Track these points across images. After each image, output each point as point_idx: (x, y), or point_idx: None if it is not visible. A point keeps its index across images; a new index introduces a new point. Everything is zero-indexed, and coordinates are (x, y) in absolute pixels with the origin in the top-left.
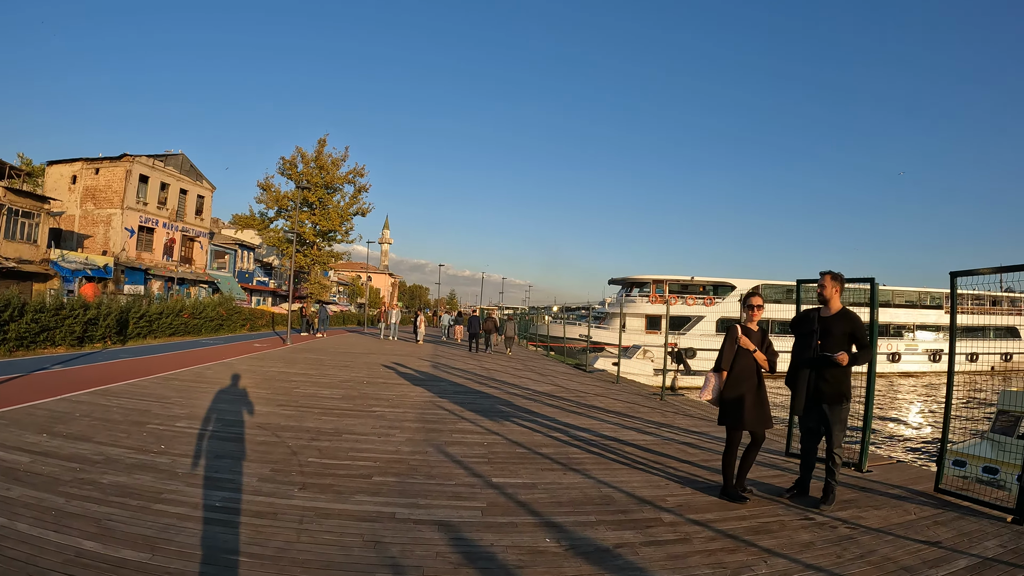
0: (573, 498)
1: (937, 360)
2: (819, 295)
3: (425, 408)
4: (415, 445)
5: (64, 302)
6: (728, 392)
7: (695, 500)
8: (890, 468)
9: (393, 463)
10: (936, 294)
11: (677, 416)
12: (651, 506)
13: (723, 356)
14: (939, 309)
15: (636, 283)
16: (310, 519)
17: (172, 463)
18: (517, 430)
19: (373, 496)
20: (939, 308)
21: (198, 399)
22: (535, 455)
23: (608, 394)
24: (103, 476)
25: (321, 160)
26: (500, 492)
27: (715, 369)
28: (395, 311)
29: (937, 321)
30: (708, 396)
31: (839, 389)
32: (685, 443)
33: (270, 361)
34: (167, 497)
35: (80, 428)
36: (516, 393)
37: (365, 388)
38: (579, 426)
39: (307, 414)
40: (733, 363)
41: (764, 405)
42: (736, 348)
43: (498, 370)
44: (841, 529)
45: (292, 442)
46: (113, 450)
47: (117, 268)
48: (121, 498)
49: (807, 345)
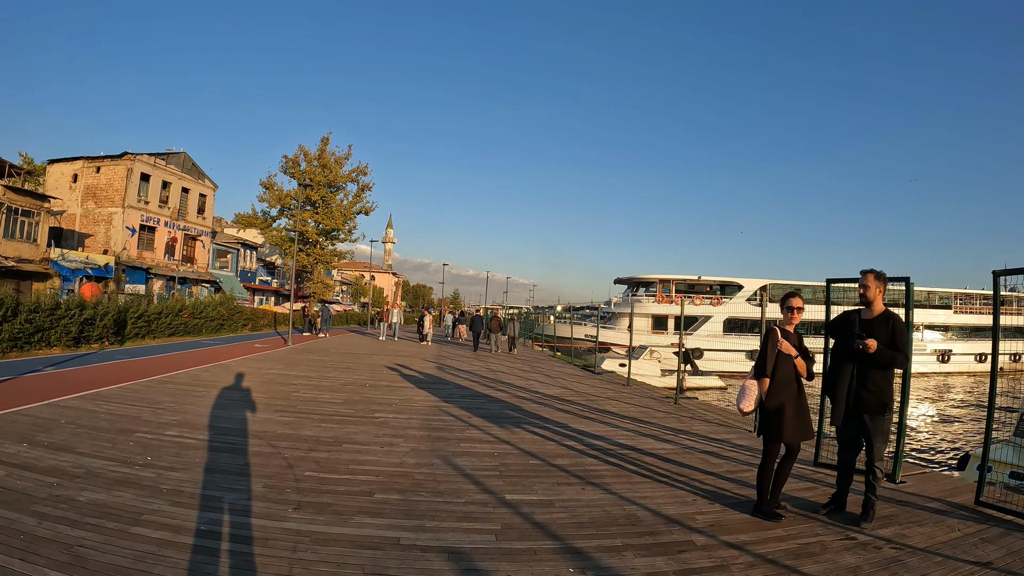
0: (595, 518)
1: (946, 361)
2: (861, 296)
3: (430, 414)
4: (420, 456)
5: (60, 302)
6: (768, 401)
7: (727, 518)
8: (924, 479)
9: (397, 477)
10: (944, 294)
11: (694, 421)
12: (680, 526)
13: (764, 362)
14: (947, 309)
15: (642, 283)
16: (305, 547)
17: (157, 478)
18: (528, 438)
19: (375, 517)
20: (947, 308)
21: (191, 404)
22: (550, 467)
23: (620, 397)
24: (81, 492)
25: (324, 158)
26: (515, 511)
27: (755, 376)
28: (397, 310)
29: (945, 321)
30: (749, 406)
31: (882, 398)
32: (707, 452)
33: (270, 363)
34: (148, 519)
35: (63, 437)
36: (525, 397)
37: (367, 392)
38: (593, 433)
39: (306, 421)
40: (774, 370)
41: (805, 414)
42: (777, 353)
43: (504, 372)
44: (886, 550)
45: (288, 453)
46: (95, 462)
47: (118, 267)
48: (97, 519)
49: (847, 350)
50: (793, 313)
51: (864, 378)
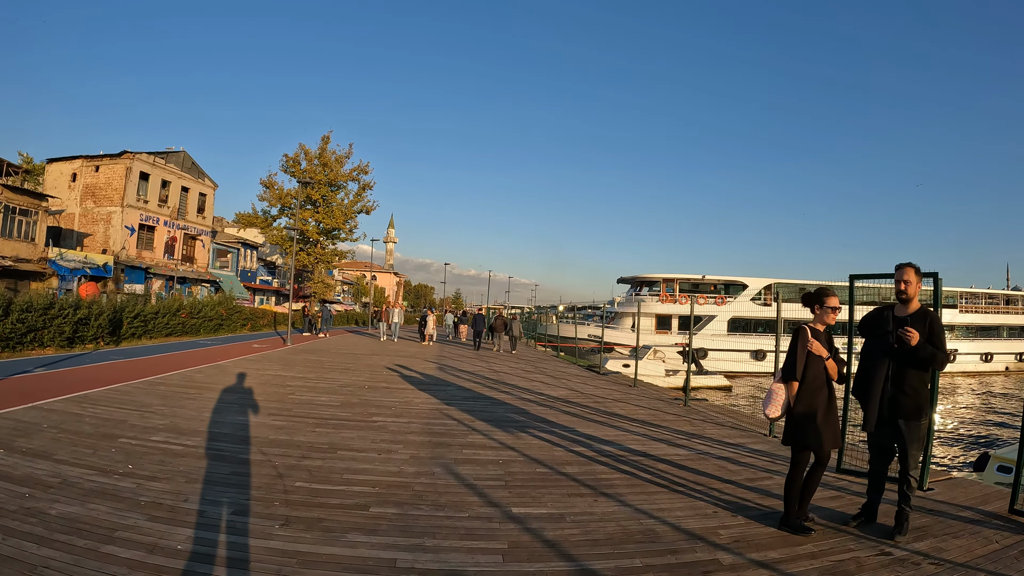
0: (610, 534)
1: (951, 360)
2: (900, 292)
3: (431, 417)
4: (420, 464)
5: (53, 301)
6: (798, 406)
7: (752, 533)
8: (951, 485)
9: (394, 488)
10: (950, 292)
11: (706, 425)
12: (703, 542)
13: (794, 364)
14: (952, 309)
15: (646, 282)
16: (290, 569)
17: (136, 489)
18: (535, 444)
19: (370, 535)
20: (952, 308)
21: (182, 408)
22: (558, 475)
23: (628, 400)
24: (53, 505)
25: (325, 157)
26: (523, 527)
27: (783, 379)
28: (398, 310)
29: (951, 321)
30: (776, 411)
31: (918, 401)
32: (723, 458)
33: (267, 363)
34: (121, 536)
35: (43, 443)
36: (529, 399)
37: (366, 394)
38: (602, 438)
39: (300, 425)
40: (803, 372)
41: (835, 420)
42: (808, 354)
43: (507, 373)
44: (925, 566)
45: (279, 460)
46: (73, 471)
47: (117, 267)
48: (68, 536)
49: (882, 349)
50: (831, 313)
51: (899, 380)
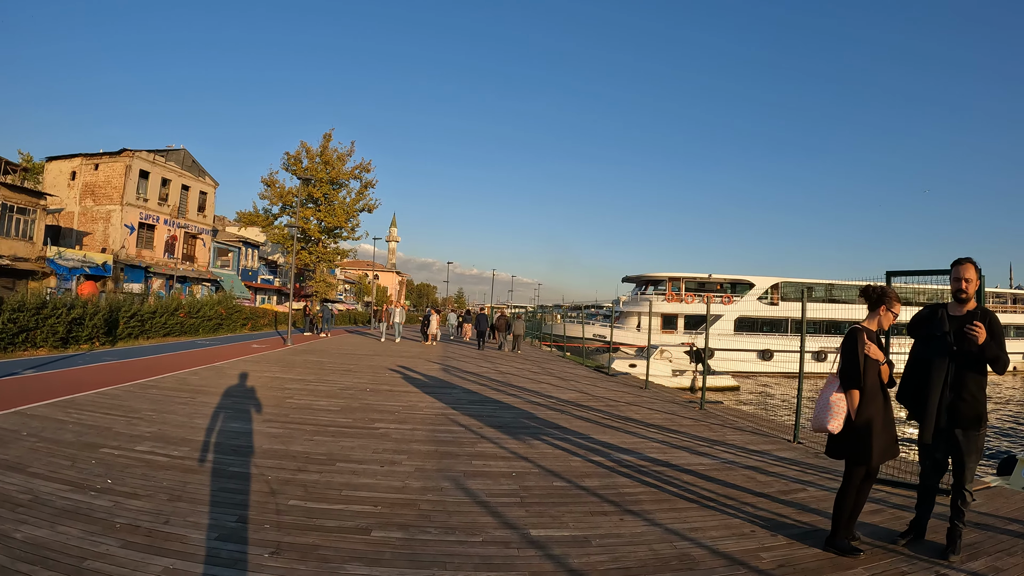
0: (642, 560)
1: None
2: (959, 291)
3: (437, 423)
4: (427, 478)
5: (47, 300)
6: (860, 417)
7: (797, 555)
8: (992, 495)
9: (399, 507)
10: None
11: (726, 430)
12: (745, 568)
13: (855, 370)
14: None
15: (651, 281)
16: None
17: (113, 507)
18: (549, 453)
19: (371, 566)
20: None
21: (172, 413)
22: (578, 490)
23: (640, 402)
24: (20, 527)
25: (326, 155)
26: (544, 554)
27: (842, 387)
28: (399, 309)
29: None
30: (838, 425)
31: (978, 409)
32: (750, 467)
33: (265, 364)
34: (90, 566)
35: (19, 453)
36: (538, 402)
37: (368, 398)
38: (620, 446)
39: (297, 433)
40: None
41: (892, 429)
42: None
43: (514, 374)
44: None
45: (273, 474)
46: (46, 486)
47: (116, 266)
48: (31, 566)
49: (938, 352)
50: (892, 317)
51: (959, 385)
